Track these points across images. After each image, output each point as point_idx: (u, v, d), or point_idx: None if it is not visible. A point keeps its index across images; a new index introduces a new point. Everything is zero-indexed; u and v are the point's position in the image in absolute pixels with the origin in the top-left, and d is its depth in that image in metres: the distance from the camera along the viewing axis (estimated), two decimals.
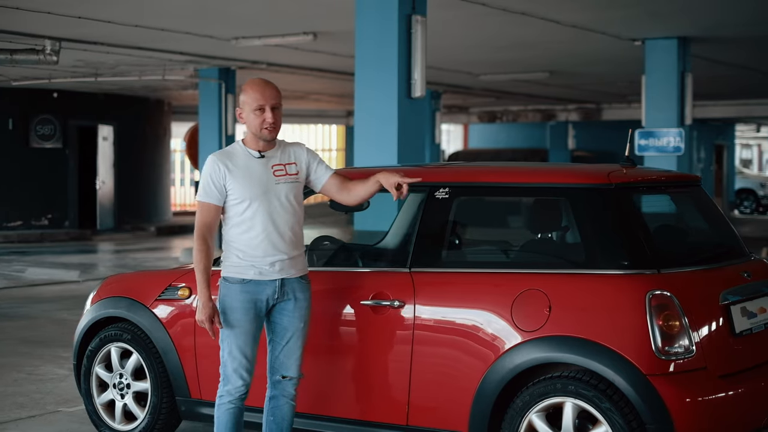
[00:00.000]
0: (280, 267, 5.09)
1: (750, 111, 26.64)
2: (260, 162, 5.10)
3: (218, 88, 18.44)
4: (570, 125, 30.40)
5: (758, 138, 49.17)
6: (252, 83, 5.11)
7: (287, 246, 5.10)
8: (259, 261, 5.07)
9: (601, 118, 28.07)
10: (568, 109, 28.20)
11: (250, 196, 5.03)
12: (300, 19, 13.02)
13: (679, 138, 14.18)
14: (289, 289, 5.13)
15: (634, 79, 19.85)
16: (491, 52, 16.05)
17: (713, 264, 5.14)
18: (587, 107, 27.88)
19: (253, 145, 5.13)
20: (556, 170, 5.48)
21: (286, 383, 5.18)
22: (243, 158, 5.09)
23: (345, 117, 32.30)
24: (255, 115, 5.04)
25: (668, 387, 4.55)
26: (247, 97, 5.06)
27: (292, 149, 5.22)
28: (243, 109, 5.09)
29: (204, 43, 15.15)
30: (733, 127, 35.29)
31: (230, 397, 5.12)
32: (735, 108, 26.57)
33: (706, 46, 14.97)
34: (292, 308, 5.14)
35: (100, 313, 6.32)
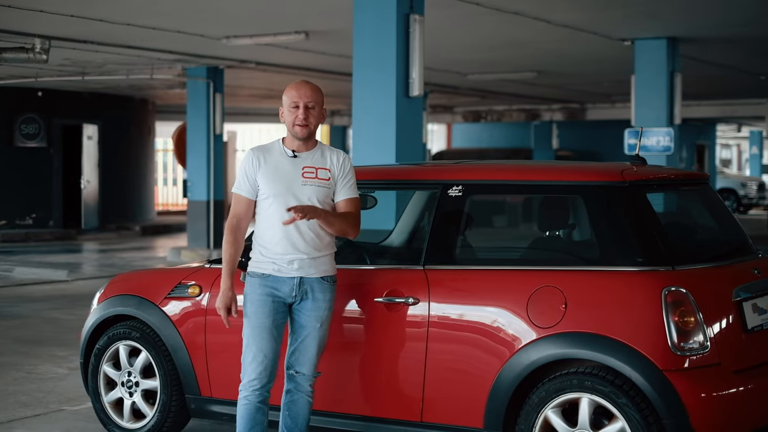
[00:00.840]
0: (299, 265, 5.12)
1: (734, 111, 26.82)
2: (291, 161, 5.15)
3: (206, 87, 18.41)
4: (554, 125, 30.50)
5: (738, 138, 49.45)
6: (292, 83, 5.22)
7: (308, 246, 5.12)
8: (278, 258, 5.12)
9: (585, 118, 28.19)
10: (552, 108, 28.29)
11: (273, 193, 5.09)
12: (292, 18, 13.02)
13: (668, 137, 14.27)
14: (308, 288, 5.16)
15: (620, 78, 19.99)
16: (482, 52, 16.10)
17: (725, 261, 5.20)
18: (572, 107, 27.99)
19: (289, 143, 5.21)
20: (570, 168, 5.53)
21: (301, 378, 5.21)
22: (276, 155, 5.19)
23: (329, 116, 32.27)
24: (291, 112, 5.13)
25: (684, 382, 4.60)
26: (285, 96, 5.18)
27: (333, 156, 5.24)
28: (283, 107, 5.19)
29: (193, 41, 15.12)
30: (714, 127, 35.52)
31: (246, 391, 5.16)
32: (718, 108, 26.74)
33: (694, 46, 15.07)
34: (310, 308, 5.17)
35: (108, 311, 6.32)
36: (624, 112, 26.58)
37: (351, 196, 5.24)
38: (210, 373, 5.91)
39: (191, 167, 18.72)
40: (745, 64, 18.20)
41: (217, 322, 5.87)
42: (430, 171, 5.70)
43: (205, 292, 5.93)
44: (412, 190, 6.35)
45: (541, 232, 6.06)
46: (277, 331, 5.16)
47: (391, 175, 5.89)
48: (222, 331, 5.85)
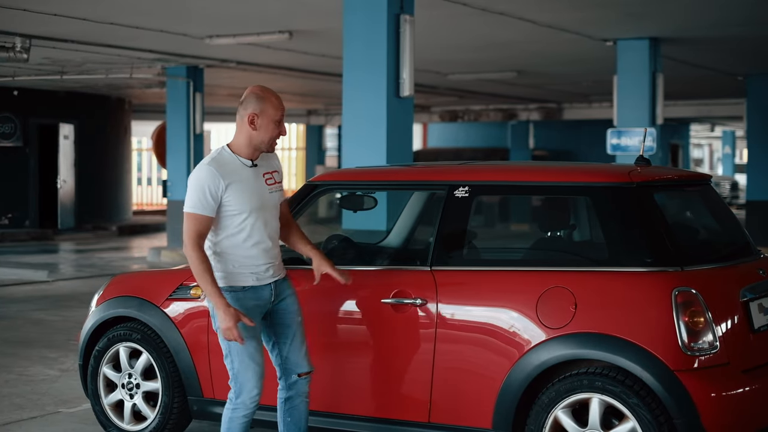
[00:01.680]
0: (273, 271, 5.14)
1: (710, 111, 27.00)
2: (252, 171, 5.04)
3: (186, 87, 18.33)
4: (531, 124, 30.60)
5: (710, 138, 49.81)
6: (272, 92, 5.04)
7: (276, 250, 5.17)
8: (255, 268, 5.07)
9: (562, 118, 28.30)
10: (529, 108, 28.37)
11: (249, 209, 4.97)
12: (276, 17, 12.99)
13: (650, 138, 14.33)
14: (281, 289, 5.20)
15: (599, 78, 20.11)
16: (465, 52, 16.13)
17: (730, 261, 5.23)
18: (549, 107, 28.08)
19: (245, 153, 5.01)
20: (577, 169, 5.55)
21: (302, 382, 5.22)
22: (236, 168, 4.97)
23: (305, 116, 32.26)
24: (275, 126, 4.99)
25: (695, 382, 4.63)
26: (272, 107, 4.97)
27: (270, 158, 5.18)
28: (262, 116, 4.95)
29: (175, 41, 15.06)
30: (687, 127, 35.76)
31: (245, 410, 5.06)
32: (694, 108, 26.92)
33: (675, 46, 15.16)
34: (287, 305, 5.21)
35: (108, 312, 6.28)
36: (601, 111, 26.78)
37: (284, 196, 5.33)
38: (213, 375, 5.88)
39: (171, 167, 18.64)
40: (723, 65, 18.33)
41: None
42: (436, 172, 5.70)
43: None
44: (418, 191, 6.34)
45: (542, 232, 6.09)
46: (261, 340, 5.17)
47: (397, 176, 5.90)
48: None
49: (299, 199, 5.78)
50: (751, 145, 20.30)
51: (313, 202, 5.80)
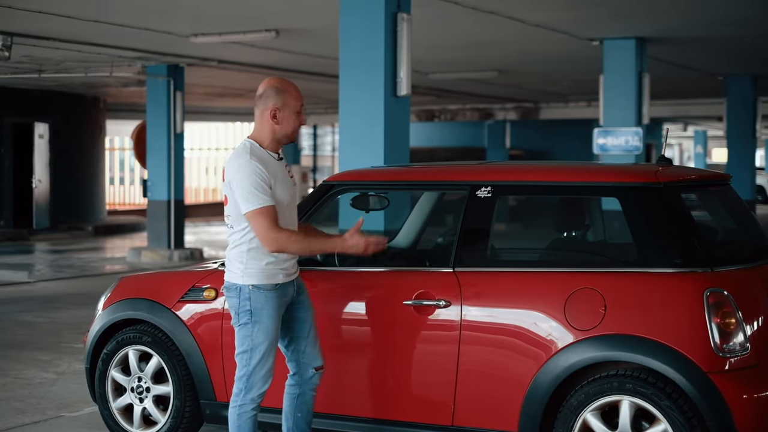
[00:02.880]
0: (295, 266, 5.14)
1: (686, 111, 27.13)
2: (280, 165, 5.04)
3: (167, 85, 18.15)
4: (508, 124, 30.62)
5: (681, 137, 50.09)
6: (292, 84, 5.01)
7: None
8: (285, 263, 5.05)
9: (539, 117, 28.34)
10: (506, 108, 28.38)
11: (286, 201, 5.00)
12: (263, 15, 12.88)
13: (637, 137, 14.36)
14: (299, 285, 5.20)
15: (580, 78, 20.13)
16: (450, 51, 16.08)
17: (756, 262, 5.20)
18: (525, 106, 28.10)
19: (273, 147, 5.02)
20: (603, 169, 5.50)
21: (315, 375, 5.23)
22: (271, 162, 4.97)
23: None
24: (297, 117, 4.98)
25: (727, 383, 4.60)
26: (292, 99, 4.97)
27: (282, 153, 5.18)
28: (283, 109, 4.94)
29: (158, 39, 14.89)
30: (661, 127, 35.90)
31: (253, 404, 5.05)
32: (671, 108, 27.04)
33: (660, 46, 15.18)
34: (304, 299, 5.22)
35: (117, 315, 6.16)
36: (577, 111, 26.85)
37: None
38: (227, 378, 5.79)
39: (151, 166, 18.46)
40: (705, 65, 18.39)
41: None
42: (458, 172, 5.63)
43: (221, 296, 5.81)
44: (439, 191, 6.27)
45: (558, 232, 6.04)
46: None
47: (417, 176, 5.82)
48: None
49: (315, 199, 5.69)
50: (731, 144, 20.40)
51: (330, 203, 5.70)
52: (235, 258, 4.99)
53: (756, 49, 16.06)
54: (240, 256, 4.97)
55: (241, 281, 4.96)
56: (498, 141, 30.73)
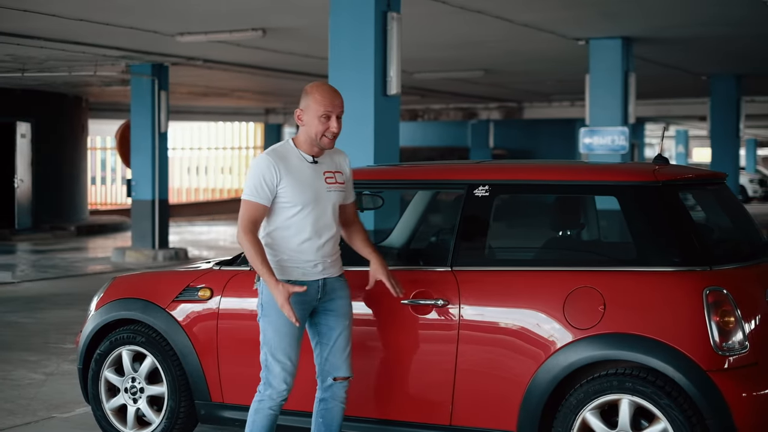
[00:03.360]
0: (323, 267, 5.05)
1: (669, 110, 27.23)
2: (313, 167, 5.03)
3: (151, 85, 18.07)
4: (491, 124, 30.65)
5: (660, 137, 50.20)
6: (320, 88, 5.00)
7: (329, 249, 5.08)
8: (303, 263, 5.02)
9: (522, 117, 28.38)
10: (489, 107, 28.41)
11: (302, 202, 4.96)
12: (251, 14, 12.83)
13: (623, 137, 14.39)
14: (331, 289, 5.09)
15: (564, 77, 20.17)
16: (437, 51, 16.07)
17: (754, 260, 5.21)
18: (509, 106, 28.14)
19: (306, 149, 5.03)
20: (602, 168, 5.50)
21: (338, 386, 5.11)
22: (296, 161, 5.00)
23: (263, 114, 32.06)
24: (320, 122, 4.94)
25: (727, 382, 4.60)
26: (314, 102, 4.95)
27: (338, 157, 5.17)
28: (306, 112, 4.97)
29: (143, 37, 14.82)
30: (643, 126, 36.05)
31: (271, 402, 5.03)
32: (654, 107, 27.12)
33: (646, 46, 15.22)
34: (337, 307, 5.10)
35: (110, 315, 6.12)
36: (561, 111, 26.92)
37: (354, 197, 5.28)
38: (222, 379, 5.77)
39: (135, 166, 18.37)
40: (689, 65, 18.45)
41: (229, 325, 5.75)
42: (455, 171, 5.62)
43: (217, 295, 5.78)
44: (436, 191, 6.26)
45: (554, 232, 6.04)
46: (301, 339, 5.07)
47: (415, 175, 5.81)
48: (235, 335, 5.75)
49: None
50: (715, 143, 20.48)
51: None
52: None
53: (740, 48, 16.13)
54: (265, 249, 5.01)
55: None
56: (482, 141, 30.76)
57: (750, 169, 45.70)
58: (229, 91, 24.59)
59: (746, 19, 12.93)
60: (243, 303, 5.72)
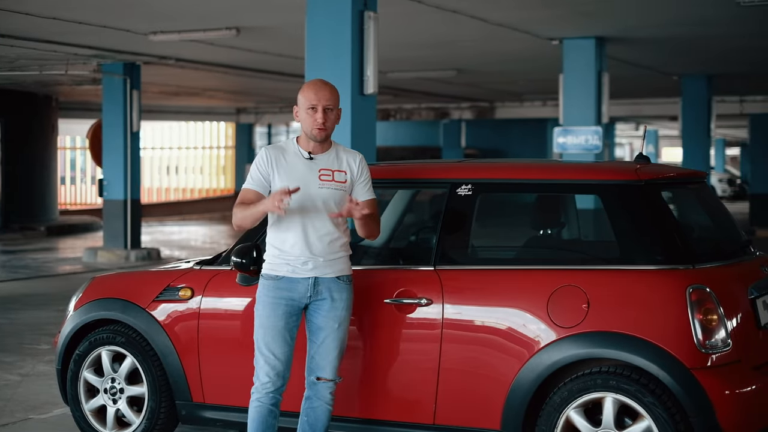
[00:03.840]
0: (314, 265, 5.03)
1: (640, 110, 27.36)
2: (307, 163, 5.05)
3: (123, 84, 17.96)
4: (463, 123, 30.69)
5: (631, 137, 50.57)
6: (309, 83, 5.10)
7: (324, 249, 5.04)
8: (293, 260, 5.02)
9: (494, 117, 28.43)
10: (461, 107, 28.45)
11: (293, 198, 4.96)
12: (225, 13, 12.78)
13: (596, 136, 14.44)
14: (324, 289, 5.06)
15: (537, 77, 20.23)
16: (411, 50, 16.06)
17: (735, 259, 5.24)
18: (481, 105, 28.18)
19: (304, 144, 5.09)
20: (585, 167, 5.51)
21: (322, 386, 5.09)
22: (292, 156, 5.07)
23: (235, 114, 31.95)
24: (308, 114, 5.01)
25: (710, 380, 4.63)
26: (302, 97, 5.05)
27: (348, 157, 5.16)
28: (300, 108, 5.07)
29: (115, 36, 14.73)
30: (613, 126, 36.20)
31: (258, 394, 5.06)
32: (626, 107, 27.22)
33: (619, 46, 15.27)
34: (328, 308, 5.06)
35: (89, 315, 6.08)
36: (533, 110, 27.01)
37: (371, 197, 5.17)
38: (203, 378, 5.73)
39: (107, 165, 18.25)
40: (661, 65, 18.56)
41: (210, 325, 5.73)
42: (438, 169, 5.62)
43: (198, 295, 5.75)
44: (419, 189, 6.26)
45: (535, 230, 6.05)
46: (289, 335, 5.05)
47: (397, 174, 5.79)
48: (216, 335, 5.72)
49: None
50: (686, 143, 20.59)
51: None
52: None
53: (711, 49, 16.22)
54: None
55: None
56: (453, 140, 30.81)
57: (719, 168, 46.05)
58: (201, 90, 24.49)
59: (720, 19, 13.01)
60: (224, 302, 5.70)
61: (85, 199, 35.46)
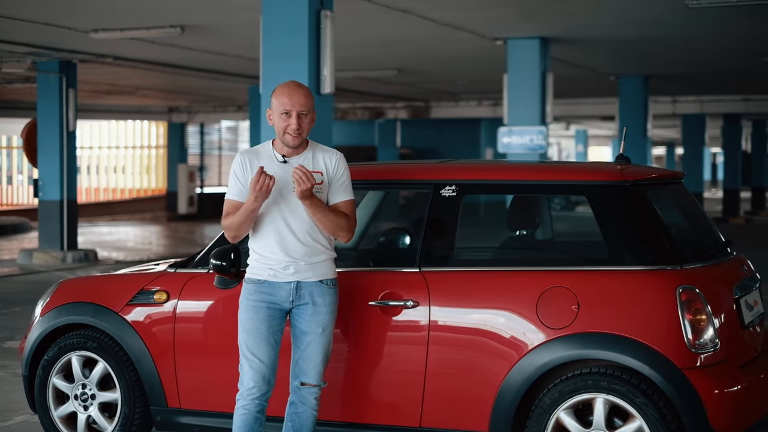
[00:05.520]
0: (295, 269, 4.95)
1: (575, 110, 27.61)
2: (282, 167, 4.95)
3: (59, 82, 17.62)
4: (398, 123, 30.70)
5: (561, 136, 51.10)
6: (282, 87, 4.97)
7: (304, 252, 4.95)
8: (274, 264, 4.94)
9: (429, 116, 28.49)
10: (397, 107, 28.47)
11: (268, 202, 4.91)
12: (170, 11, 12.61)
13: (541, 136, 14.56)
14: (307, 293, 4.97)
15: (476, 77, 20.32)
16: (352, 50, 15.96)
17: (717, 259, 5.27)
18: (416, 105, 28.22)
19: (279, 148, 5.00)
20: (569, 168, 5.51)
21: (306, 391, 5.01)
22: (266, 159, 4.97)
23: (167, 113, 31.58)
24: (281, 119, 4.91)
25: (701, 379, 4.65)
26: (276, 101, 4.95)
27: (325, 156, 5.05)
28: (273, 111, 4.97)
29: (52, 33, 14.45)
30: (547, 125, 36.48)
31: (243, 400, 4.95)
32: (559, 107, 27.41)
33: (560, 46, 15.40)
34: (311, 313, 4.98)
35: (59, 320, 5.92)
36: (468, 110, 27.12)
37: (346, 197, 5.05)
38: (179, 383, 5.62)
39: (43, 166, 17.89)
40: (599, 65, 18.74)
41: (187, 329, 5.62)
42: (421, 170, 5.57)
43: (173, 298, 5.64)
44: (402, 190, 6.22)
45: (510, 231, 6.04)
46: (273, 338, 4.96)
47: (378, 174, 5.73)
48: (193, 339, 5.62)
49: None
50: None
51: None
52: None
53: (652, 50, 16.42)
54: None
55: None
56: (389, 140, 30.80)
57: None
58: (135, 89, 24.16)
59: (668, 21, 13.14)
60: (202, 306, 5.59)
61: (12, 200, 34.75)
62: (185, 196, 30.94)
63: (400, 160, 29.74)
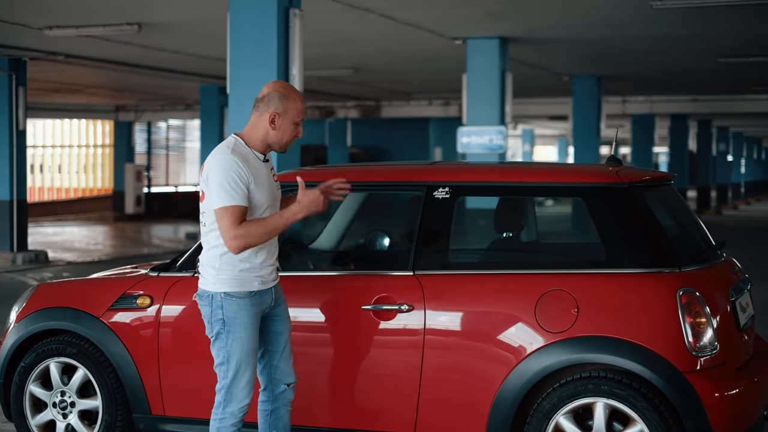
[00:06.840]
0: (273, 273, 4.87)
1: (524, 110, 27.68)
2: (265, 166, 4.81)
3: (8, 80, 17.26)
4: (349, 122, 30.59)
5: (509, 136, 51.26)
6: (295, 93, 4.76)
7: (276, 252, 4.89)
8: (262, 270, 4.78)
9: (380, 115, 28.42)
10: (347, 106, 28.36)
11: (265, 203, 4.73)
12: (127, 8, 12.39)
13: (500, 136, 14.55)
14: (279, 293, 4.93)
15: (432, 77, 20.28)
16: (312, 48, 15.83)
17: (713, 261, 5.26)
18: (367, 104, 28.14)
19: (258, 148, 4.76)
20: (564, 169, 5.45)
21: (288, 391, 4.96)
22: (253, 161, 4.72)
23: (113, 112, 31.16)
24: (293, 126, 4.75)
25: (702, 382, 4.62)
26: (293, 109, 4.72)
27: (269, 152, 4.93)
28: (282, 117, 4.70)
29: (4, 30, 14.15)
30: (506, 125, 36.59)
31: (234, 419, 4.77)
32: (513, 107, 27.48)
33: (517, 46, 15.38)
34: (282, 311, 4.94)
35: (36, 326, 5.75)
36: (419, 110, 27.12)
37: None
38: (163, 390, 5.49)
39: None
40: (555, 65, 18.79)
41: (171, 334, 5.49)
42: (414, 172, 5.48)
43: (157, 303, 5.50)
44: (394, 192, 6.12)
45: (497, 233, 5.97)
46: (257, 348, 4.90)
47: (370, 176, 5.63)
48: (178, 344, 5.49)
49: None
50: (577, 142, 20.90)
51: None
52: (208, 262, 4.71)
53: (607, 50, 16.47)
54: (213, 261, 4.69)
55: (213, 288, 4.68)
56: (339, 139, 30.69)
57: None
58: (84, 87, 23.79)
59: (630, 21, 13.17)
60: (187, 311, 5.46)
61: None
62: (132, 195, 30.57)
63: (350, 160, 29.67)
